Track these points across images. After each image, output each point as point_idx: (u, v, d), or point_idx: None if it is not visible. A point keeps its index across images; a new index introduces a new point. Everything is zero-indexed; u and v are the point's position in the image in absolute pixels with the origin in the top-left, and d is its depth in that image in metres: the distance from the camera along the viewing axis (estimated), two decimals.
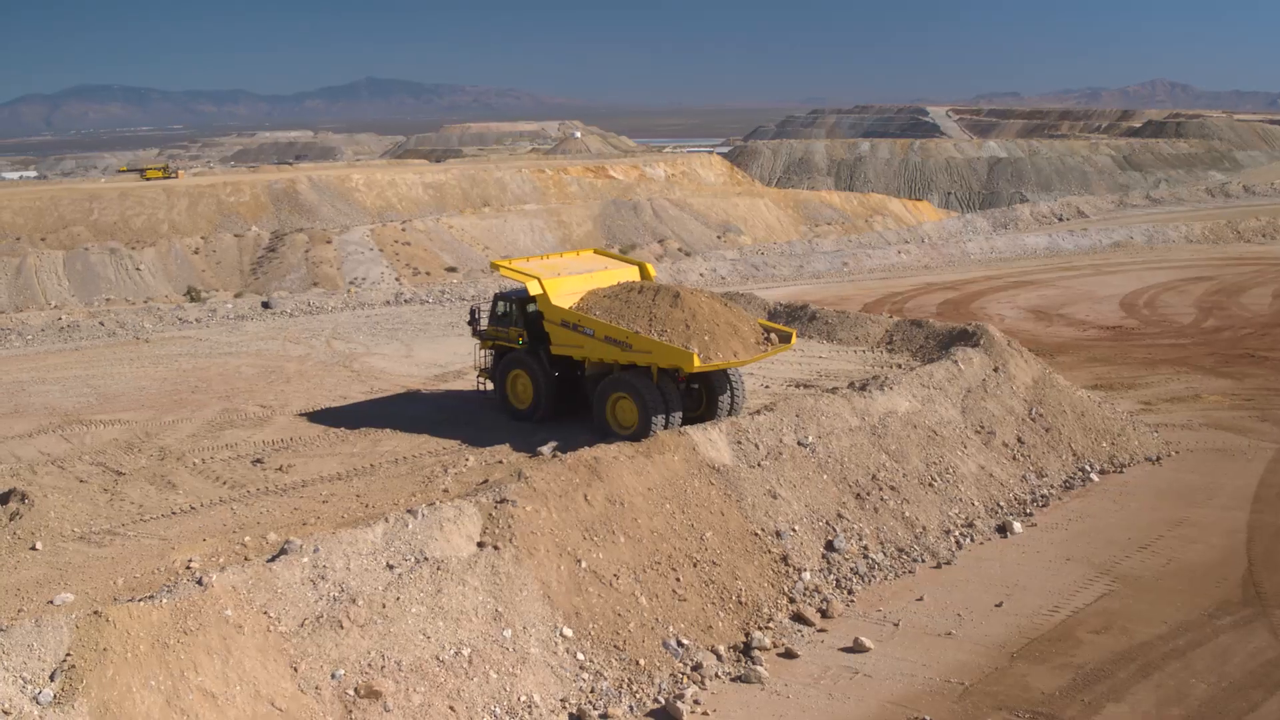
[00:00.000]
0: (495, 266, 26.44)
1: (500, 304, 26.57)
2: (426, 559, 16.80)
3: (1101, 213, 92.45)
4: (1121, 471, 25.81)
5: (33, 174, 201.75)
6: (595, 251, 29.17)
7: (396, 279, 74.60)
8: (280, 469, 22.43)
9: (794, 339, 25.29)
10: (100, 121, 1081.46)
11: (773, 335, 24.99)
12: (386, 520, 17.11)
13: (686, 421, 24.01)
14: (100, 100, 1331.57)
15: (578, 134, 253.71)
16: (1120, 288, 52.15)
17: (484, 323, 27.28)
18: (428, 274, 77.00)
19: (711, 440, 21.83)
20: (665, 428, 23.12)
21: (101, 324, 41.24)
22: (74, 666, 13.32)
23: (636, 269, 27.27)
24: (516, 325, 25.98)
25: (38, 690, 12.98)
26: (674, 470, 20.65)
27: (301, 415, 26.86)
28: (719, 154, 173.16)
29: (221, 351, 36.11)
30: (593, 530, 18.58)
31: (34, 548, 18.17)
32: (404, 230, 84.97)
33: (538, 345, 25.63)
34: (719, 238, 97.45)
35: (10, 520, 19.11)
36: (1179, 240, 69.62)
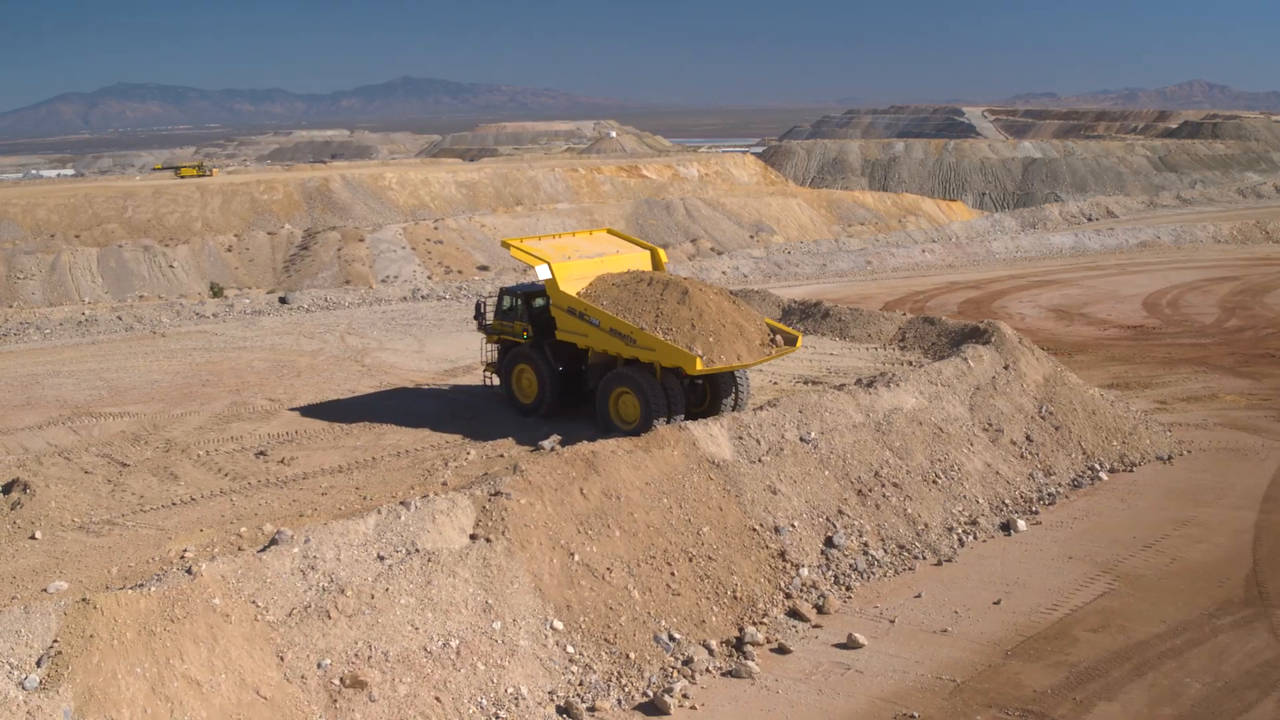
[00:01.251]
0: (506, 245, 26.31)
1: (506, 298, 26.59)
2: (418, 550, 16.83)
3: (1131, 213, 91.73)
4: (1132, 470, 25.57)
5: (70, 172, 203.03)
6: (609, 231, 28.87)
7: (428, 277, 74.83)
8: (282, 461, 22.55)
9: (800, 342, 25.13)
10: (138, 120, 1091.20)
11: (778, 337, 24.83)
12: (379, 512, 17.16)
13: (690, 416, 23.94)
14: (138, 99, 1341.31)
15: (613, 133, 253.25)
16: (1144, 287, 51.69)
17: (489, 317, 27.29)
18: (459, 272, 77.19)
19: (712, 435, 21.77)
20: (668, 424, 23.04)
21: (119, 318, 41.62)
22: (60, 653, 13.42)
23: (648, 254, 27.09)
24: (521, 320, 25.98)
25: (24, 676, 13.08)
26: (673, 465, 20.59)
27: (308, 409, 27.00)
28: (753, 154, 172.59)
29: (236, 346, 36.34)
30: (587, 524, 18.55)
31: (33, 537, 18.35)
32: (436, 229, 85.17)
33: (542, 340, 25.62)
34: (751, 237, 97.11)
35: (11, 509, 19.31)
36: (1206, 240, 68.93)
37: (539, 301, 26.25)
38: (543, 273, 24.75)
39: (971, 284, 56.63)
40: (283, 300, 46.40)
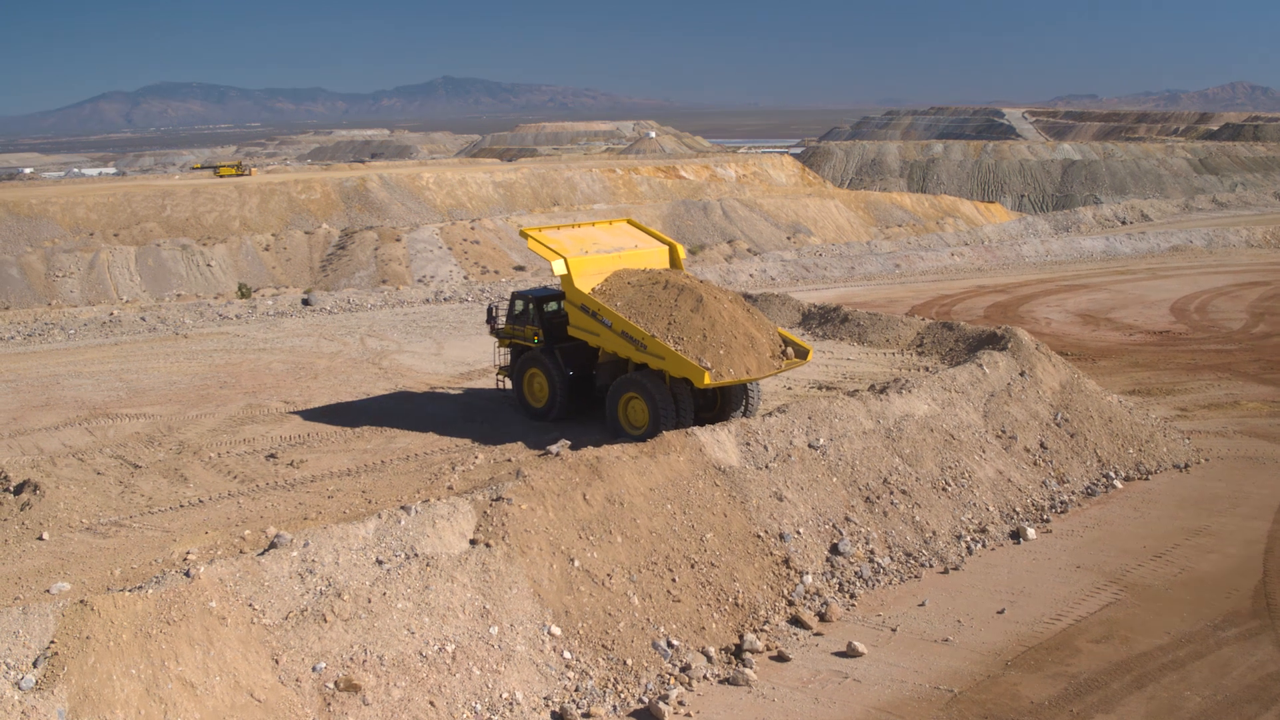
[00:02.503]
0: (525, 235, 26.24)
1: (518, 302, 26.62)
2: (417, 555, 16.91)
3: (1166, 216, 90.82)
4: (1147, 478, 25.32)
5: (112, 171, 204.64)
6: (629, 222, 28.59)
7: (465, 277, 75.00)
8: (292, 464, 22.68)
9: (810, 355, 24.95)
10: (179, 119, 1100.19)
11: (789, 349, 24.65)
12: (379, 516, 17.25)
13: (699, 422, 23.88)
14: (180, 97, 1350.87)
15: (652, 134, 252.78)
16: (1173, 292, 51.15)
17: (501, 321, 27.33)
18: (496, 272, 77.31)
19: (719, 441, 21.73)
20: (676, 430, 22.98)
21: (143, 319, 42.00)
22: (57, 654, 13.61)
23: (666, 250, 26.92)
24: (533, 324, 26.00)
25: (20, 676, 13.28)
26: (678, 471, 20.57)
27: (322, 411, 27.14)
28: (791, 155, 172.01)
29: (256, 348, 36.60)
30: (589, 529, 18.57)
31: (41, 538, 18.55)
32: (473, 229, 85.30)
33: (553, 344, 25.64)
34: (788, 239, 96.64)
35: (21, 510, 19.54)
36: (1239, 244, 68.13)
37: (551, 306, 26.26)
38: (558, 268, 24.69)
39: (999, 288, 56.24)
40: (305, 302, 46.65)
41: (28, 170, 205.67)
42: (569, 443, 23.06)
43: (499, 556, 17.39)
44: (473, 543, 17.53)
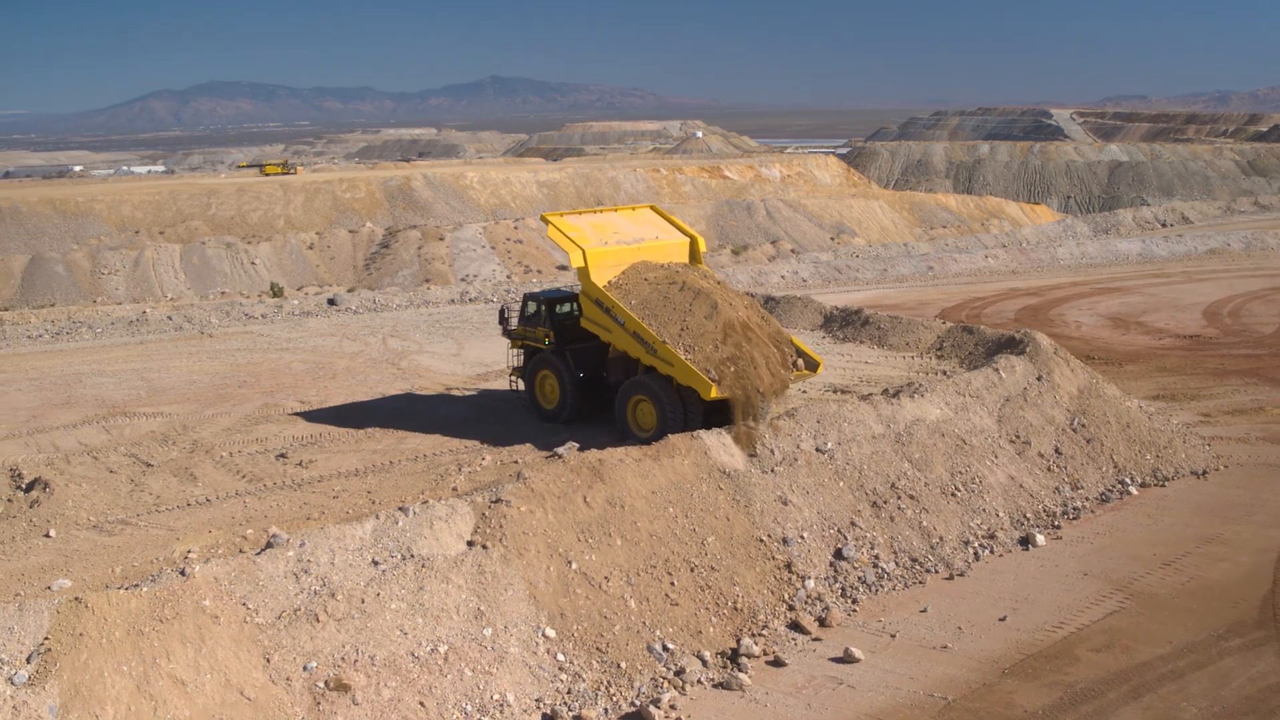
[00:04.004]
0: (546, 221, 26.08)
1: (530, 304, 26.68)
2: (413, 556, 16.99)
3: (1207, 218, 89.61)
4: (1164, 485, 25.01)
5: (161, 169, 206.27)
6: (652, 209, 28.18)
7: (508, 276, 75.29)
8: (301, 464, 22.86)
9: (820, 368, 24.78)
10: (228, 117, 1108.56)
11: (800, 360, 24.53)
12: (377, 517, 17.35)
13: (708, 424, 23.77)
14: (229, 96, 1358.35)
15: (699, 134, 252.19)
16: (1207, 295, 50.46)
17: (513, 322, 27.39)
18: (539, 272, 77.62)
19: (725, 444, 21.70)
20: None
21: (169, 318, 42.52)
22: (50, 650, 13.78)
23: (687, 242, 26.68)
24: (545, 325, 26.04)
25: (13, 671, 13.46)
26: (682, 474, 20.55)
27: (336, 411, 27.34)
28: (836, 155, 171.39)
29: (279, 347, 36.93)
30: (589, 532, 18.59)
31: (47, 535, 18.82)
32: (516, 228, 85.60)
33: (564, 346, 25.67)
34: (832, 239, 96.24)
35: (30, 508, 19.85)
36: (1278, 247, 67.05)
37: (563, 307, 26.30)
38: (575, 260, 24.58)
39: (1032, 290, 55.73)
40: (331, 302, 47.02)
41: (77, 168, 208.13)
42: (577, 445, 23.10)
43: (495, 558, 17.44)
44: (470, 544, 17.60)
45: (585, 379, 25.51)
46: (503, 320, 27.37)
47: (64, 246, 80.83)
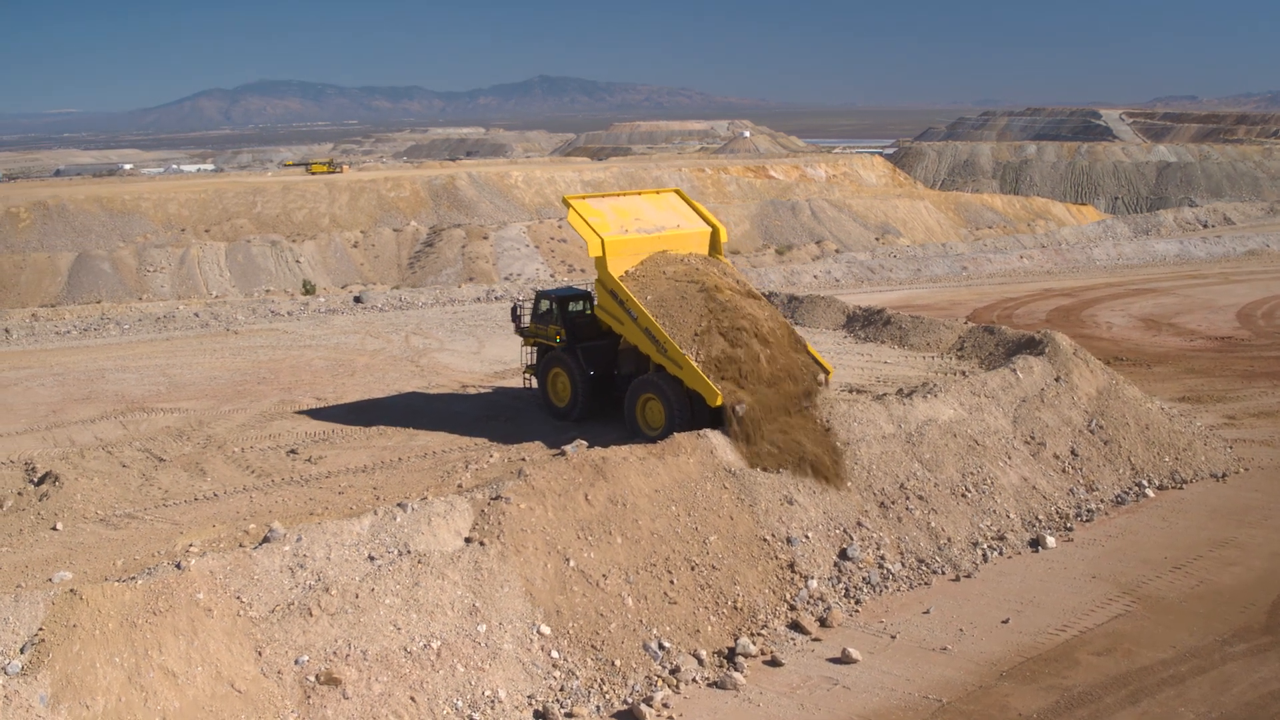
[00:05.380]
0: (567, 203, 25.78)
1: (542, 302, 26.70)
2: (409, 552, 17.05)
3: (1249, 219, 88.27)
4: (1181, 488, 24.66)
5: (210, 167, 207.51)
6: (676, 193, 27.66)
7: (551, 275, 75.48)
8: (310, 460, 23.03)
9: (829, 377, 24.56)
10: (278, 116, 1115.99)
11: (823, 376, 24.27)
12: (375, 513, 17.43)
13: (715, 423, 23.66)
14: (278, 95, 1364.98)
15: (746, 134, 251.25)
16: (1242, 297, 49.74)
17: (526, 320, 27.43)
18: (583, 270, 77.74)
19: (731, 443, 21.60)
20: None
21: (196, 315, 43.01)
22: (43, 641, 13.96)
23: (709, 232, 26.25)
24: (556, 323, 26.04)
25: (7, 661, 13.64)
26: (686, 472, 20.50)
27: (350, 408, 27.52)
28: (883, 156, 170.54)
29: (302, 344, 37.22)
30: (588, 530, 18.57)
31: (54, 528, 19.07)
32: (560, 227, 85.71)
33: (576, 344, 25.66)
34: (877, 240, 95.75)
35: (39, 501, 20.11)
36: None
37: (574, 305, 26.30)
38: (593, 249, 24.28)
39: (1066, 291, 55.15)
40: (357, 299, 47.33)
41: (127, 166, 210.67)
42: (585, 443, 23.07)
43: (492, 555, 17.46)
44: (468, 541, 17.63)
45: (596, 377, 25.48)
46: (515, 318, 27.42)
47: (110, 244, 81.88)
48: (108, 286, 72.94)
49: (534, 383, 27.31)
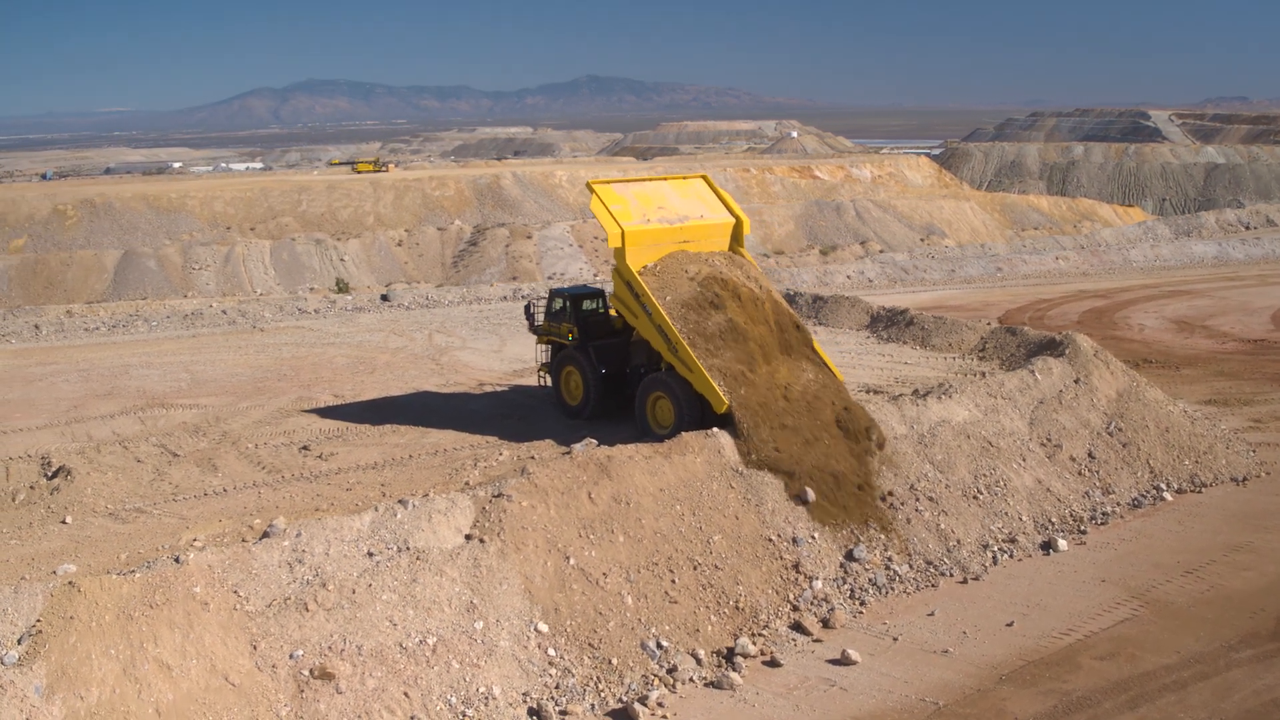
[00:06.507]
0: (591, 189, 25.37)
1: (556, 300, 26.72)
2: (408, 549, 17.11)
3: None
4: (1200, 491, 24.31)
5: (259, 166, 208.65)
6: (703, 179, 27.25)
7: (594, 275, 75.54)
8: (322, 456, 23.18)
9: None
10: (326, 115, 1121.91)
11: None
12: (376, 509, 17.52)
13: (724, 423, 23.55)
14: (326, 94, 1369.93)
15: (794, 134, 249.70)
16: (1279, 299, 48.93)
17: (539, 318, 27.44)
18: None
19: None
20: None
21: (224, 312, 43.46)
22: (41, 632, 14.13)
23: (732, 223, 25.90)
24: (569, 322, 26.04)
25: (4, 652, 13.82)
26: (692, 472, 20.44)
27: (366, 405, 27.69)
28: (929, 156, 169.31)
29: (326, 342, 37.50)
30: (590, 528, 18.56)
31: (64, 521, 19.31)
32: None
33: (588, 342, 25.65)
34: (922, 240, 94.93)
35: (51, 494, 20.38)
36: None
37: (588, 304, 26.30)
38: (613, 240, 24.05)
39: (1100, 293, 54.49)
40: (384, 298, 47.64)
41: (176, 164, 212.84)
42: (595, 441, 23.05)
43: (492, 552, 17.50)
44: (467, 538, 17.68)
45: (608, 375, 25.47)
46: (528, 316, 27.47)
47: (156, 242, 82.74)
48: (153, 284, 73.62)
49: (548, 381, 27.33)
